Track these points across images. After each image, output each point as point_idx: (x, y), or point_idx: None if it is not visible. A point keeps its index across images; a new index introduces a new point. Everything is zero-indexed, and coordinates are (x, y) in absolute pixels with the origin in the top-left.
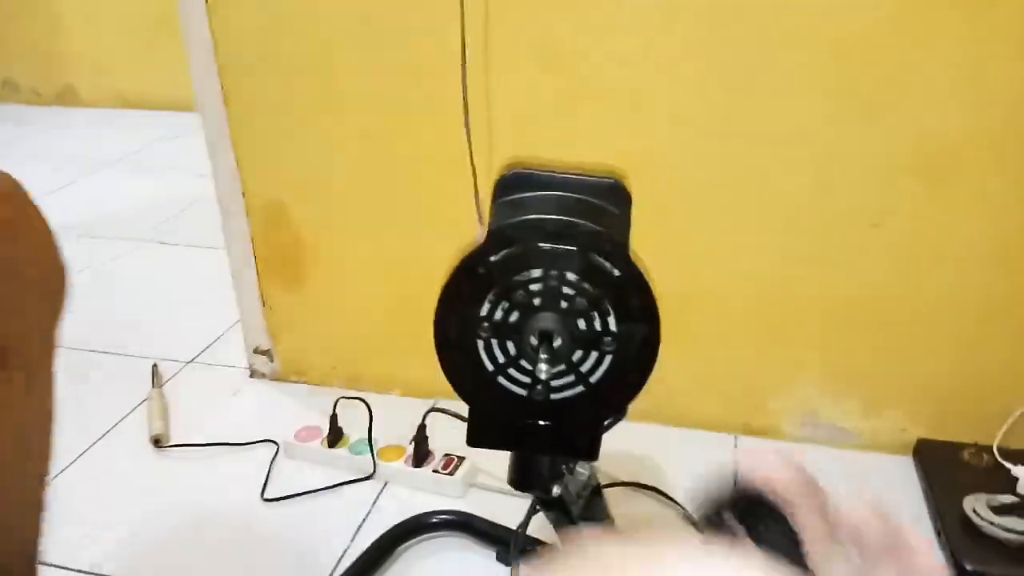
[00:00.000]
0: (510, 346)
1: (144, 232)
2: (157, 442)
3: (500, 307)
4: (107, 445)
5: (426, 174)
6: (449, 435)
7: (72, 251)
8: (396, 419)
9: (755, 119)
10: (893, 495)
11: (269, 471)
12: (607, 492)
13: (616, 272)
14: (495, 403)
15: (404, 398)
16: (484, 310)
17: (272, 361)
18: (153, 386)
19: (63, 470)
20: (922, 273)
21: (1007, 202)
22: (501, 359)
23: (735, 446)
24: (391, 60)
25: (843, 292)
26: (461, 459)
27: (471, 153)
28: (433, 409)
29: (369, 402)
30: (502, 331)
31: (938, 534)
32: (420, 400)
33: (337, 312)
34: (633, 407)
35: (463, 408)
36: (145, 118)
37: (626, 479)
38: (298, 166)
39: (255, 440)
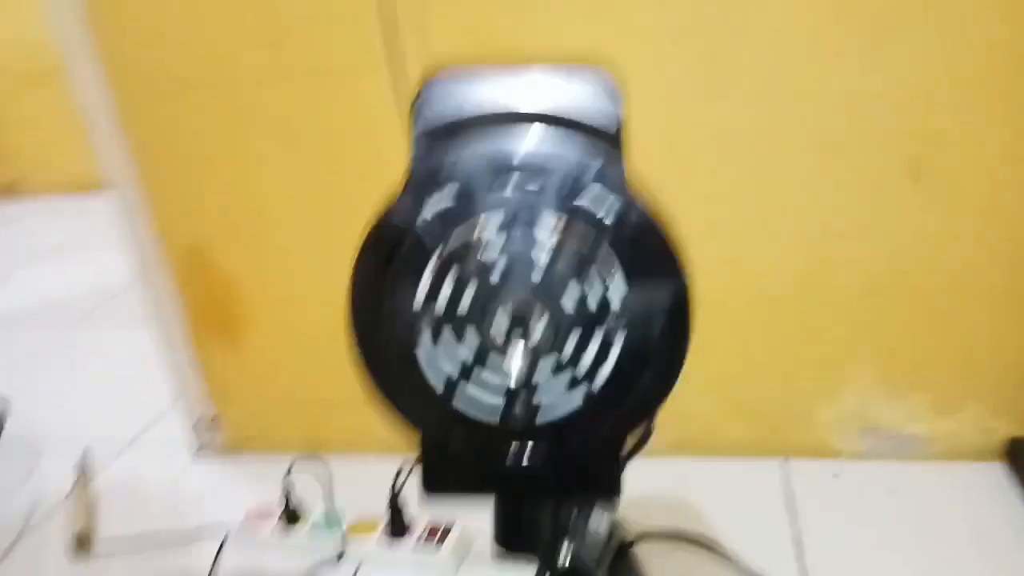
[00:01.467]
0: (468, 342)
1: (79, 317)
2: (80, 543)
3: (445, 285)
4: (18, 551)
5: (373, 184)
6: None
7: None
8: (370, 485)
9: (746, 64)
10: (985, 512)
11: (213, 566)
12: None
13: (614, 210)
14: (455, 429)
15: (380, 458)
16: (421, 293)
17: (219, 432)
18: (78, 478)
19: None
20: (983, 224)
21: None
22: (456, 366)
23: (783, 472)
24: (303, 58)
25: (883, 264)
26: (449, 527)
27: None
28: (407, 463)
29: (332, 466)
30: (452, 322)
31: None
32: (400, 459)
33: (288, 366)
34: (655, 441)
35: None
36: (94, 200)
37: (657, 528)
38: (218, 199)
39: (199, 528)
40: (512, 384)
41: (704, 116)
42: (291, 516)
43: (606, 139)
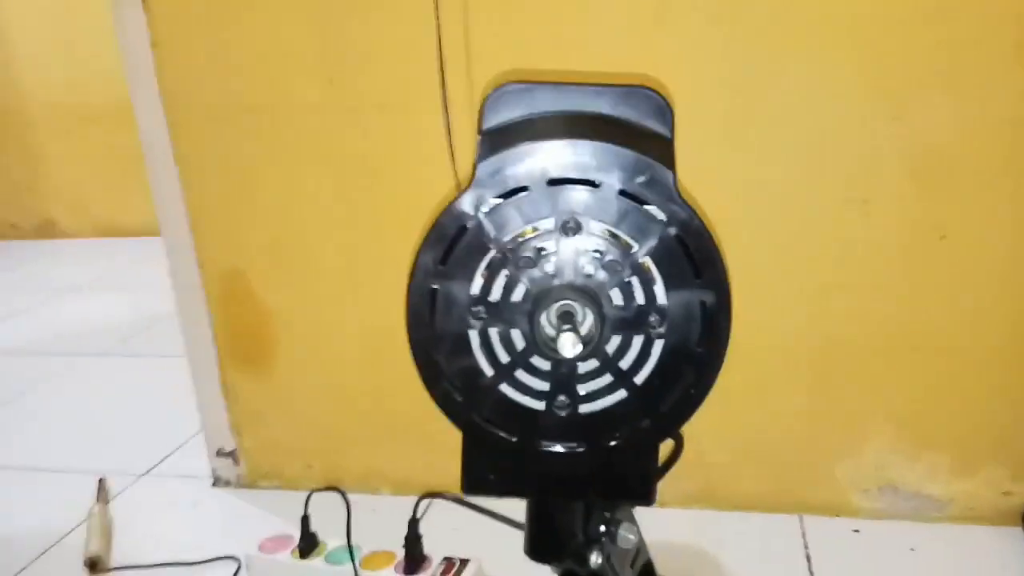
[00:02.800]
0: (516, 337)
1: (107, 347)
2: (93, 566)
3: (498, 280)
4: (35, 572)
5: (412, 225)
6: (450, 533)
7: (24, 368)
8: (385, 521)
9: (775, 119)
10: None
11: None
12: None
13: (661, 215)
14: (500, 423)
15: (394, 497)
16: (476, 286)
17: (237, 464)
18: (97, 501)
19: None
20: (1007, 287)
21: None
22: (504, 357)
23: (801, 527)
24: (358, 93)
25: (906, 322)
26: (465, 562)
27: (453, 164)
28: (428, 495)
29: (351, 500)
30: (503, 315)
31: None
32: (414, 499)
33: (312, 398)
34: (674, 491)
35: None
36: (122, 245)
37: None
38: (260, 226)
39: (212, 557)
40: (566, 354)
41: (733, 165)
42: (307, 546)
43: (660, 144)
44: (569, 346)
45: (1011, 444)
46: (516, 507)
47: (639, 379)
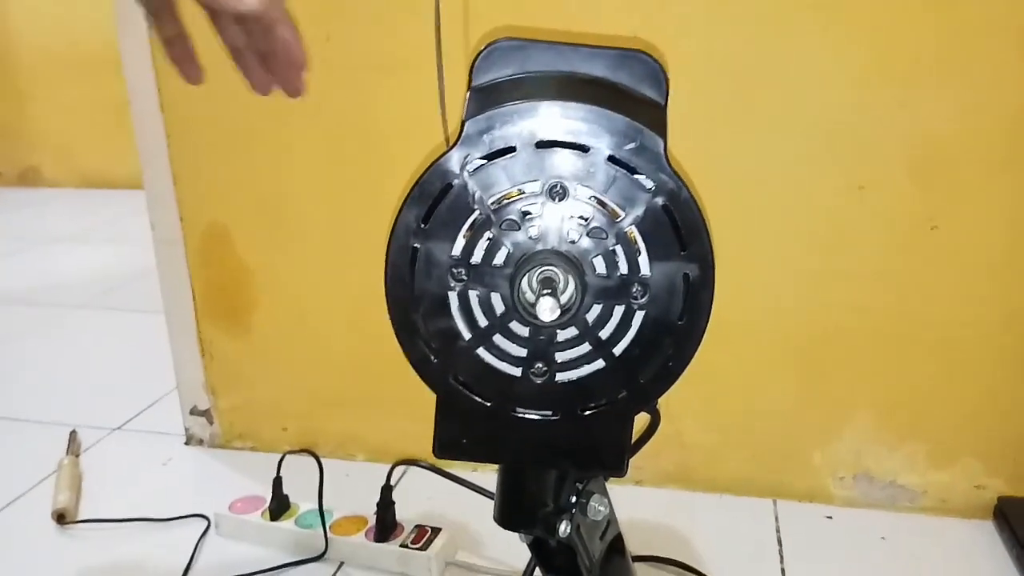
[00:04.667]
0: (496, 300)
1: (87, 300)
2: (61, 518)
3: (481, 242)
4: (2, 522)
5: (403, 188)
6: (424, 501)
7: (6, 317)
8: (358, 486)
9: (777, 103)
10: (974, 570)
11: (194, 551)
12: None
13: (649, 184)
14: (475, 387)
15: (369, 464)
16: (458, 247)
17: (211, 424)
18: (67, 454)
19: None
20: (995, 282)
21: None
22: (483, 321)
23: (775, 511)
24: (352, 51)
25: (894, 312)
26: (437, 531)
27: (445, 127)
28: (402, 462)
29: (324, 465)
30: (484, 278)
31: None
32: (388, 466)
33: (290, 360)
34: (651, 470)
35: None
36: (108, 196)
37: (645, 553)
38: (246, 183)
39: (181, 515)
40: (544, 319)
41: (729, 146)
42: (278, 508)
43: (651, 110)
44: (547, 311)
45: (988, 437)
46: (492, 477)
47: (618, 349)
